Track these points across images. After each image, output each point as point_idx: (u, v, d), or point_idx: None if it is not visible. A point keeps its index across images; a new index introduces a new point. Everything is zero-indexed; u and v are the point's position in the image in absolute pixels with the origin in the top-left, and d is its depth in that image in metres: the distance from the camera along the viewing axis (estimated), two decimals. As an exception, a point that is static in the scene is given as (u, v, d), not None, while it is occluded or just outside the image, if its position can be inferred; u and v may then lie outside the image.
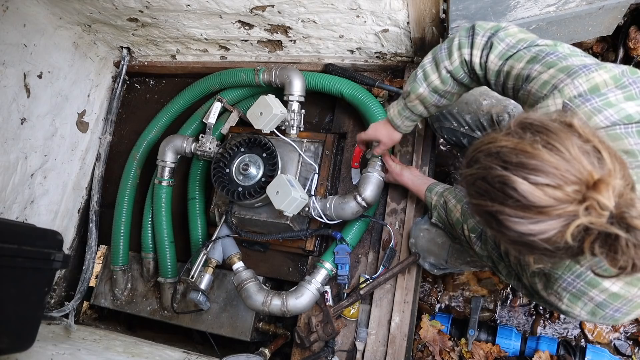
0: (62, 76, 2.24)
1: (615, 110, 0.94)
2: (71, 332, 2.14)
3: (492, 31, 1.22)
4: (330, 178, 1.97)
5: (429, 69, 1.35)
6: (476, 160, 0.83)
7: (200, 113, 2.28)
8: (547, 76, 1.04)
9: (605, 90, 0.96)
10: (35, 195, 2.18)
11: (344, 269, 1.83)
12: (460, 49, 1.27)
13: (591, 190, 0.73)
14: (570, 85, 0.99)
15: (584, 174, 0.74)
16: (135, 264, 2.31)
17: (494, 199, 0.79)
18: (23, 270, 1.59)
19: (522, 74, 1.12)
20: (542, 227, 0.76)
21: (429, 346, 2.07)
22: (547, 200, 0.74)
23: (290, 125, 1.88)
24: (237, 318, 2.06)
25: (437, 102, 1.40)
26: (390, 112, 1.55)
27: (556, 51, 1.08)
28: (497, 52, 1.18)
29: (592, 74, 0.98)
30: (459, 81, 1.33)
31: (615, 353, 2.04)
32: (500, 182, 0.78)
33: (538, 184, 0.75)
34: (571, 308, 1.01)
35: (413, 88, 1.40)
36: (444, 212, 1.49)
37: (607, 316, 0.99)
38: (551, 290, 1.03)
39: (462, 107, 1.62)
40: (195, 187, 2.17)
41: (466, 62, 1.27)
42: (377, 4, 1.71)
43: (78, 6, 2.06)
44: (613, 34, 2.02)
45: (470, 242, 1.34)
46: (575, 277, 0.97)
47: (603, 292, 0.95)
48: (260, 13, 1.90)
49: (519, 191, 0.76)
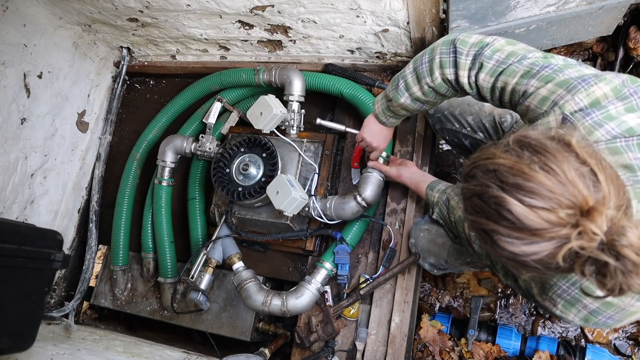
0: (62, 76, 2.24)
1: (617, 123, 0.93)
2: (71, 332, 2.14)
3: (477, 48, 1.16)
4: (330, 178, 1.97)
5: (410, 81, 1.34)
6: (473, 176, 0.83)
7: (200, 113, 2.28)
8: (546, 92, 1.02)
9: (606, 102, 0.95)
10: (35, 195, 2.18)
11: (344, 269, 1.83)
12: (441, 68, 1.24)
13: (584, 218, 0.74)
14: (570, 101, 0.97)
15: (578, 198, 0.74)
16: (135, 264, 2.31)
17: (489, 217, 0.80)
18: (23, 270, 1.59)
19: (517, 89, 1.09)
20: (535, 248, 0.77)
21: (429, 346, 2.07)
22: (540, 223, 0.75)
23: (290, 125, 1.88)
24: (237, 318, 2.06)
25: (420, 108, 1.41)
26: (375, 109, 1.55)
27: (550, 64, 1.05)
28: (488, 70, 1.15)
29: (592, 88, 0.96)
30: (443, 94, 1.32)
31: (615, 353, 2.04)
32: (495, 202, 0.79)
33: (533, 206, 0.75)
34: (565, 314, 1.03)
35: (395, 97, 1.40)
36: (445, 210, 1.49)
37: (600, 322, 1.00)
38: (546, 296, 1.04)
39: (464, 108, 1.62)
40: (195, 187, 2.17)
41: (449, 80, 1.25)
42: (377, 4, 1.71)
43: (78, 6, 2.06)
44: (613, 34, 2.02)
45: (470, 240, 1.34)
46: (570, 285, 0.98)
47: (596, 301, 0.96)
48: (260, 13, 1.90)
49: (514, 213, 0.76)
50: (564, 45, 2.12)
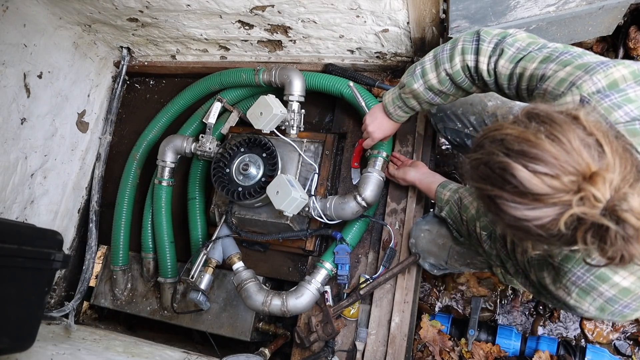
0: (62, 76, 2.24)
1: (636, 105, 0.94)
2: (71, 332, 2.14)
3: (499, 37, 1.21)
4: (330, 178, 1.97)
5: (428, 67, 1.36)
6: (481, 146, 0.85)
7: (200, 113, 2.28)
8: (564, 74, 1.03)
9: (624, 85, 0.96)
10: (35, 195, 2.18)
11: (344, 269, 1.83)
12: (463, 54, 1.27)
13: (587, 182, 0.75)
14: (588, 81, 0.98)
15: (582, 165, 0.75)
16: (135, 264, 2.31)
17: (494, 183, 0.82)
18: (23, 270, 1.59)
19: (536, 73, 1.11)
20: (537, 213, 0.78)
21: (429, 346, 2.07)
22: (543, 188, 0.76)
23: (290, 125, 1.88)
24: (237, 318, 2.06)
25: (431, 100, 1.41)
26: (385, 98, 1.56)
27: (569, 51, 1.08)
28: (508, 57, 1.18)
29: (611, 70, 0.97)
30: (458, 85, 1.33)
31: (615, 353, 2.04)
32: (500, 167, 0.80)
33: (537, 172, 0.77)
34: (579, 303, 1.01)
35: (409, 82, 1.41)
36: (457, 208, 1.49)
37: (616, 312, 0.98)
38: (560, 284, 1.03)
39: (467, 108, 1.62)
40: (195, 187, 2.17)
41: (469, 67, 1.27)
42: (377, 4, 1.71)
43: (78, 6, 2.06)
44: (613, 34, 2.02)
45: (481, 239, 1.35)
46: (585, 272, 0.97)
47: (613, 287, 0.95)
48: (260, 13, 1.90)
49: (518, 178, 0.78)
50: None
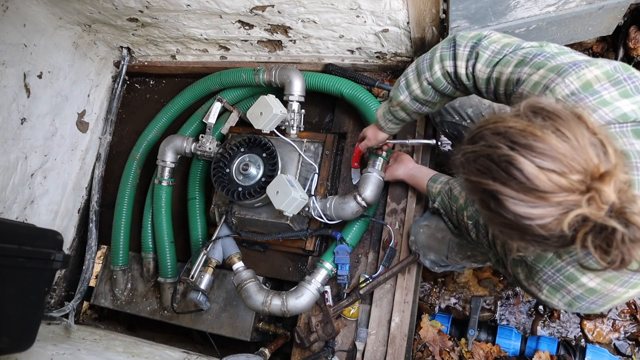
0: (62, 76, 2.24)
1: (610, 109, 0.93)
2: (71, 332, 2.14)
3: (475, 40, 1.20)
4: (330, 178, 1.97)
5: (411, 78, 1.37)
6: (481, 137, 0.82)
7: (200, 113, 2.28)
8: (538, 77, 1.03)
9: (598, 86, 0.95)
10: (35, 195, 2.18)
11: (344, 269, 1.83)
12: (441, 61, 1.27)
13: (596, 182, 0.74)
14: (561, 84, 0.97)
15: (590, 164, 0.74)
16: (135, 264, 2.31)
17: (496, 178, 0.79)
18: (23, 270, 1.59)
19: (511, 78, 1.11)
20: (541, 212, 0.76)
21: (429, 346, 2.07)
22: (550, 186, 0.75)
23: (290, 125, 1.88)
24: (237, 318, 2.06)
25: (418, 110, 1.42)
26: (377, 113, 1.58)
27: (543, 52, 1.07)
28: (484, 60, 1.17)
29: (583, 71, 0.97)
30: (441, 92, 1.33)
31: (615, 353, 2.04)
32: (506, 161, 0.77)
33: (544, 168, 0.75)
34: (550, 299, 1.06)
35: (395, 95, 1.43)
36: (447, 198, 1.50)
37: (583, 307, 1.03)
38: (532, 281, 1.07)
39: (464, 100, 1.62)
40: (195, 187, 2.17)
41: (449, 73, 1.27)
42: (377, 4, 1.71)
43: (78, 6, 2.06)
44: (613, 34, 2.01)
45: (468, 228, 1.36)
46: (555, 272, 1.00)
47: (580, 287, 0.98)
48: (260, 13, 1.90)
49: (524, 173, 0.76)
50: (564, 45, 2.12)
